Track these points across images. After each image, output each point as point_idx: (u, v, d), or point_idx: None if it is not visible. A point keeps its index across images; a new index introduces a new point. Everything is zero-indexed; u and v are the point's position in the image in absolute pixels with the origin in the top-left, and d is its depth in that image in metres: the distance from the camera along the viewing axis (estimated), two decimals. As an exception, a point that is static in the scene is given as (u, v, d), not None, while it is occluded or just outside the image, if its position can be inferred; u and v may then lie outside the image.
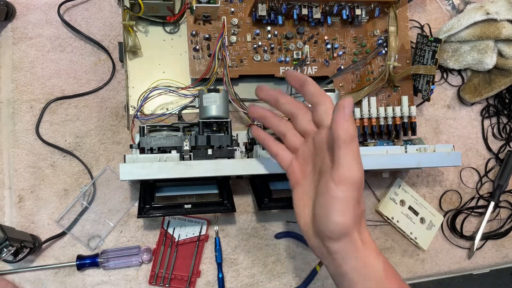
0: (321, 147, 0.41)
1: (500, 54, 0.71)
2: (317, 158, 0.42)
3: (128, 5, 0.60)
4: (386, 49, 0.67)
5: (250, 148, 0.61)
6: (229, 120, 0.57)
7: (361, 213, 0.40)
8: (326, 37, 0.65)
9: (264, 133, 0.48)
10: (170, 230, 0.64)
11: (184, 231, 0.64)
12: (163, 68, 0.64)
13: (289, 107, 0.45)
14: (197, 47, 0.62)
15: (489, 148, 0.76)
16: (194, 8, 0.58)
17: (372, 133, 0.66)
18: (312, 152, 0.43)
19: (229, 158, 0.55)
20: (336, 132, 0.37)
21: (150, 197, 0.58)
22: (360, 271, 0.39)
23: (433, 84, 0.65)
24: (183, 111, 0.63)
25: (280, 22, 0.62)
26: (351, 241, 0.39)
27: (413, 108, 0.67)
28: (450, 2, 0.77)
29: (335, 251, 0.40)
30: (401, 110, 0.66)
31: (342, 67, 0.66)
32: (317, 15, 0.61)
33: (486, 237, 0.74)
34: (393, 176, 0.71)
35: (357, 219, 0.39)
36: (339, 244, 0.39)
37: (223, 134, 0.56)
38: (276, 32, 0.64)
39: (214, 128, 0.57)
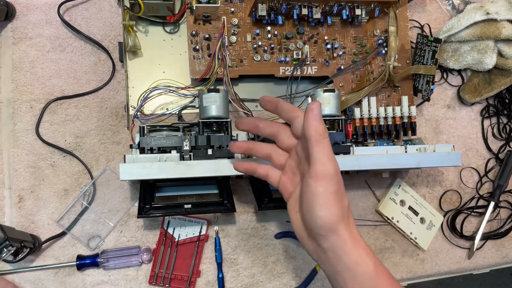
0: (303, 156, 0.44)
1: (500, 54, 0.71)
2: (302, 167, 0.45)
3: (128, 5, 0.60)
4: (386, 49, 0.67)
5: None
6: (229, 120, 0.57)
7: (346, 208, 0.42)
8: (326, 37, 0.65)
9: (247, 163, 0.51)
10: (170, 230, 0.64)
11: (184, 231, 0.64)
12: (163, 68, 0.64)
13: (269, 129, 0.48)
14: (197, 47, 0.62)
15: (489, 148, 0.76)
16: (194, 8, 0.58)
17: (372, 133, 0.66)
18: (297, 163, 0.46)
19: (229, 158, 0.55)
20: (308, 132, 0.41)
21: (150, 197, 0.58)
22: (351, 269, 0.41)
23: (433, 84, 0.65)
24: (183, 111, 0.63)
25: (280, 22, 0.62)
26: (340, 236, 0.41)
27: (413, 108, 0.67)
28: (450, 2, 0.77)
29: (327, 249, 0.42)
30: (401, 110, 0.66)
31: (342, 67, 0.66)
32: (317, 15, 0.61)
33: (486, 237, 0.74)
34: (393, 176, 0.71)
35: (343, 213, 0.41)
36: (329, 240, 0.41)
37: (223, 134, 0.56)
38: (276, 32, 0.64)
39: (214, 128, 0.57)
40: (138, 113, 0.60)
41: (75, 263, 0.60)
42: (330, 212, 0.40)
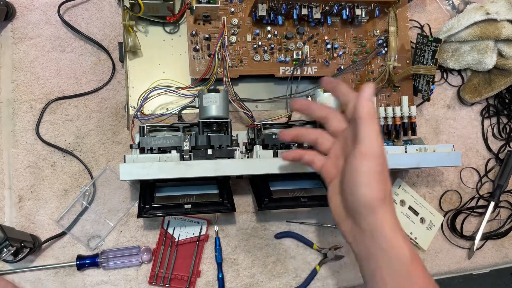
0: (349, 138, 0.44)
1: (500, 54, 0.71)
2: (347, 150, 0.45)
3: (128, 5, 0.60)
4: (386, 49, 0.67)
5: (250, 148, 0.61)
6: (229, 120, 0.57)
7: (389, 192, 0.42)
8: (326, 37, 0.65)
9: (294, 151, 0.52)
10: (170, 230, 0.64)
11: (184, 231, 0.64)
12: (163, 68, 0.64)
13: (321, 111, 0.49)
14: (197, 47, 0.62)
15: (489, 148, 0.76)
16: (194, 8, 0.58)
17: (372, 133, 0.66)
18: (343, 147, 0.46)
19: (229, 158, 0.55)
20: (358, 111, 0.42)
21: (150, 197, 0.58)
22: (387, 252, 0.41)
23: (433, 84, 0.65)
24: (183, 111, 0.63)
25: (280, 22, 0.62)
26: (379, 217, 0.41)
27: (413, 108, 0.66)
28: (450, 2, 0.77)
29: (365, 229, 0.42)
30: (401, 110, 0.66)
31: (342, 67, 0.66)
32: (317, 15, 0.61)
33: (486, 237, 0.74)
34: (393, 176, 0.71)
35: (385, 196, 0.41)
36: (368, 220, 0.41)
37: (223, 134, 0.56)
38: (276, 32, 0.64)
39: (214, 128, 0.57)
40: (138, 113, 0.60)
41: (75, 263, 0.60)
42: (372, 190, 0.41)
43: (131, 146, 0.56)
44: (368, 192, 0.41)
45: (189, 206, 0.57)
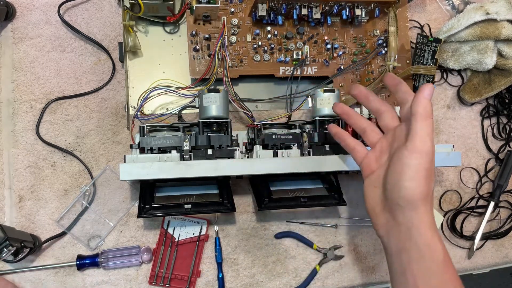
0: (400, 136, 0.45)
1: (500, 54, 0.71)
2: (394, 146, 0.45)
3: (128, 5, 0.60)
4: (386, 49, 0.67)
5: (250, 148, 0.61)
6: (229, 120, 0.57)
7: (431, 192, 0.43)
8: (326, 37, 0.65)
9: (342, 129, 0.52)
10: (170, 230, 0.64)
11: (184, 231, 0.64)
12: (163, 68, 0.64)
13: (377, 104, 0.49)
14: (197, 47, 0.62)
15: (489, 148, 0.76)
16: (194, 8, 0.58)
17: (372, 133, 0.66)
18: (390, 143, 0.46)
19: (229, 158, 0.55)
20: (415, 108, 0.42)
21: (150, 197, 0.58)
22: (421, 250, 0.41)
23: (433, 84, 0.65)
24: (183, 111, 0.63)
25: (280, 22, 0.62)
26: (418, 213, 0.41)
27: (413, 108, 0.66)
28: (450, 2, 0.77)
29: (401, 223, 0.42)
30: (401, 110, 0.66)
31: (342, 67, 0.66)
32: (317, 15, 0.61)
33: (486, 237, 0.74)
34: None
35: (427, 194, 0.42)
36: (406, 215, 0.42)
37: (223, 134, 0.56)
38: (276, 32, 0.64)
39: (214, 128, 0.57)
40: (138, 113, 0.60)
41: (75, 263, 0.60)
42: (416, 185, 0.41)
43: (131, 146, 0.56)
44: (412, 186, 0.41)
45: (189, 206, 0.57)
